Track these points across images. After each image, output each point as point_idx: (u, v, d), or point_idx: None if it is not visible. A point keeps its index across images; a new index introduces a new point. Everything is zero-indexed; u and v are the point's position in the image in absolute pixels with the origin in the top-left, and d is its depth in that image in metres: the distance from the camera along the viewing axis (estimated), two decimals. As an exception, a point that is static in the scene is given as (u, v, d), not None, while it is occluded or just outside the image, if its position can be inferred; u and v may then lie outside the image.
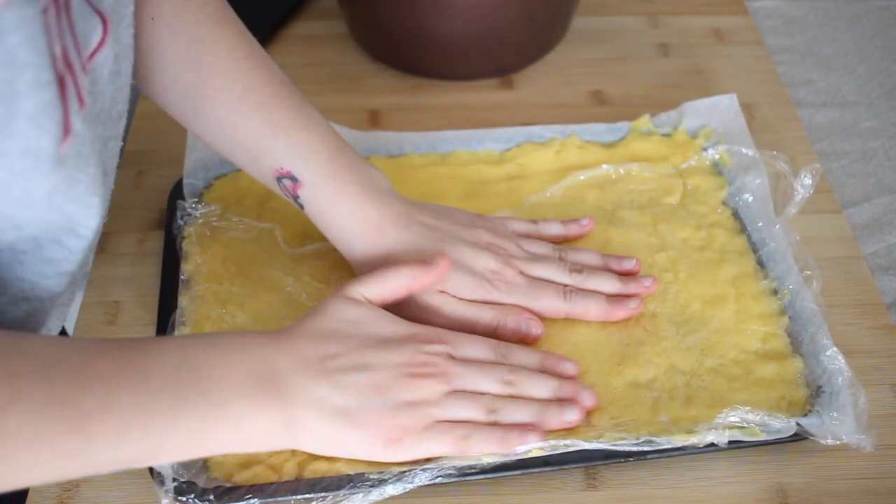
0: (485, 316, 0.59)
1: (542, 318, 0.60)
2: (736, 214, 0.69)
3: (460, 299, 0.59)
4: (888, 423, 0.59)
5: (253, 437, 0.49)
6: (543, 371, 0.57)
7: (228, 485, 0.53)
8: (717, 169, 0.72)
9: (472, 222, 0.63)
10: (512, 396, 0.54)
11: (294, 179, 0.58)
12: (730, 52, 0.87)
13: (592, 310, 0.61)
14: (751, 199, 0.69)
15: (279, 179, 0.59)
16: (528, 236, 0.65)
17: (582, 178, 0.71)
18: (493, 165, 0.73)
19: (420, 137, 0.74)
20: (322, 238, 0.66)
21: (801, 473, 0.56)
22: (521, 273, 0.61)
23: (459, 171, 0.72)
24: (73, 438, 0.42)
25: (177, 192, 0.69)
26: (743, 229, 0.68)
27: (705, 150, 0.73)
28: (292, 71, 0.84)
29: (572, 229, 0.67)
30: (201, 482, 0.53)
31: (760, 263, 0.65)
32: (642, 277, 0.63)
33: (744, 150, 0.70)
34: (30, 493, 0.55)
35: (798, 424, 0.55)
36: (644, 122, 0.75)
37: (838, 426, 0.54)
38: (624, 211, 0.69)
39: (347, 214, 0.59)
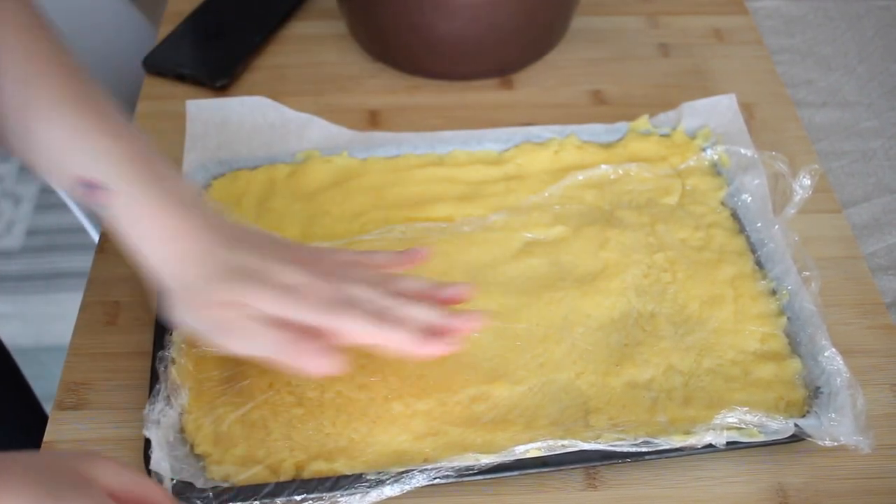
0: (278, 335, 0.53)
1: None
2: (734, 215, 0.69)
3: (256, 316, 0.53)
4: (888, 423, 0.59)
5: None
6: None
7: (226, 485, 0.53)
8: (715, 169, 0.72)
9: (286, 244, 0.58)
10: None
11: (97, 187, 0.53)
12: (730, 52, 0.87)
13: (403, 339, 0.53)
14: (749, 199, 0.69)
15: (82, 186, 0.54)
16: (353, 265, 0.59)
17: (580, 178, 0.71)
18: (492, 166, 0.73)
19: (418, 138, 0.74)
20: (321, 238, 0.66)
21: (800, 473, 0.56)
22: (332, 291, 0.54)
23: (457, 172, 0.72)
24: None
25: (176, 193, 0.69)
26: (741, 230, 0.68)
27: (704, 150, 0.73)
28: (292, 71, 0.85)
29: (402, 259, 0.59)
30: (199, 483, 0.53)
31: (759, 264, 0.65)
32: (469, 312, 0.56)
33: (742, 151, 0.70)
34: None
35: (796, 425, 0.55)
36: (643, 122, 0.75)
37: (836, 427, 0.54)
38: (622, 211, 0.69)
39: (151, 224, 0.54)
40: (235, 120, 0.73)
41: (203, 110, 0.72)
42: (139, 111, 0.80)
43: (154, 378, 0.58)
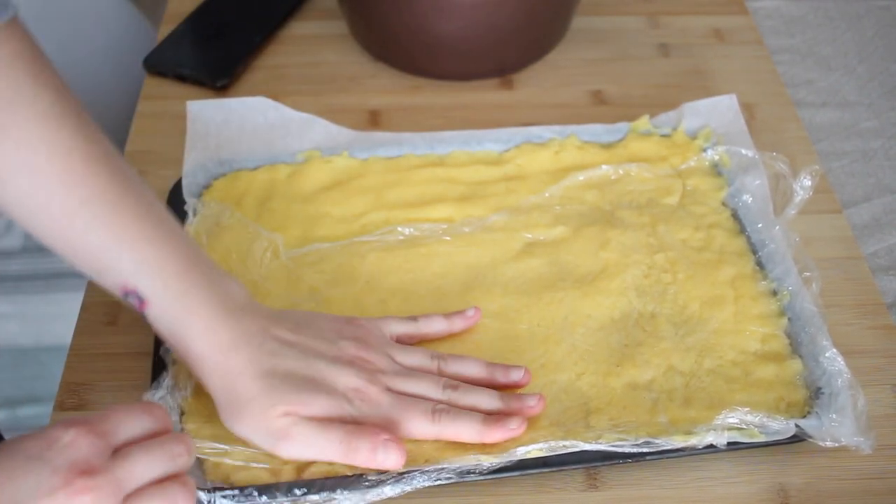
0: (334, 435, 0.53)
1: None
2: (735, 215, 0.69)
3: (310, 418, 0.53)
4: (888, 423, 0.59)
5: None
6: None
7: (225, 486, 0.53)
8: (716, 170, 0.72)
9: (338, 333, 0.57)
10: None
11: (140, 298, 0.53)
12: (730, 52, 0.87)
13: (464, 432, 0.55)
14: (750, 199, 0.69)
15: (125, 296, 0.53)
16: (407, 338, 0.60)
17: (581, 178, 0.71)
18: (492, 166, 0.73)
19: (419, 138, 0.74)
20: (321, 239, 0.66)
21: (801, 474, 0.56)
22: (388, 390, 0.55)
23: (457, 173, 0.72)
24: None
25: (176, 192, 0.69)
26: (742, 230, 0.68)
27: (705, 150, 0.73)
28: (292, 71, 0.85)
29: (456, 324, 0.61)
30: (198, 484, 0.53)
31: (760, 264, 0.65)
32: (527, 396, 0.57)
33: (743, 151, 0.70)
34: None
35: (797, 426, 0.55)
36: (643, 122, 0.75)
37: (837, 428, 0.54)
38: (623, 211, 0.69)
39: (197, 336, 0.53)
40: (236, 120, 0.73)
41: (203, 110, 0.72)
42: (139, 111, 0.80)
43: (156, 371, 0.58)
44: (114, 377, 0.60)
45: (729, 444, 0.55)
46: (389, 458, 0.53)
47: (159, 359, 0.58)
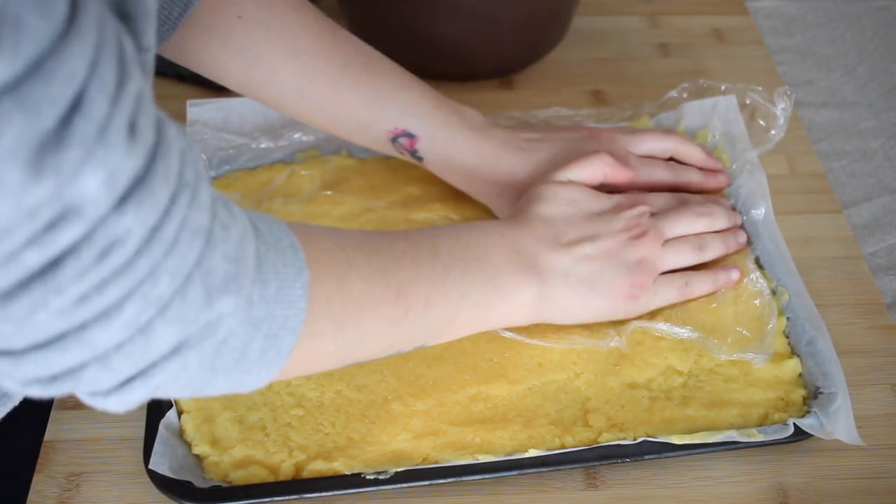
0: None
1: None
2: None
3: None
4: (888, 423, 0.59)
5: (517, 309, 0.56)
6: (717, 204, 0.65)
7: (224, 485, 0.53)
8: (716, 169, 0.72)
9: (574, 132, 0.67)
10: (708, 234, 0.62)
11: (410, 135, 0.63)
12: (730, 52, 0.87)
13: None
14: (747, 195, 0.68)
15: (395, 139, 0.64)
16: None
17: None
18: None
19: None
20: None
21: (800, 473, 0.56)
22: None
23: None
24: (397, 306, 0.48)
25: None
26: (741, 229, 0.67)
27: (704, 150, 0.73)
28: (292, 71, 0.84)
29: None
30: (198, 483, 0.53)
31: (759, 264, 0.65)
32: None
33: (742, 151, 0.70)
34: (30, 495, 0.55)
35: (796, 426, 0.55)
36: (643, 122, 0.75)
37: (836, 427, 0.54)
38: (623, 211, 0.69)
39: (466, 154, 0.64)
40: (236, 120, 0.73)
41: (203, 110, 0.72)
42: (139, 111, 0.80)
43: None
44: (113, 376, 0.60)
45: (728, 443, 0.55)
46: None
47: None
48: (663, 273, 0.60)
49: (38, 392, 0.36)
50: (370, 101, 0.63)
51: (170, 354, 0.37)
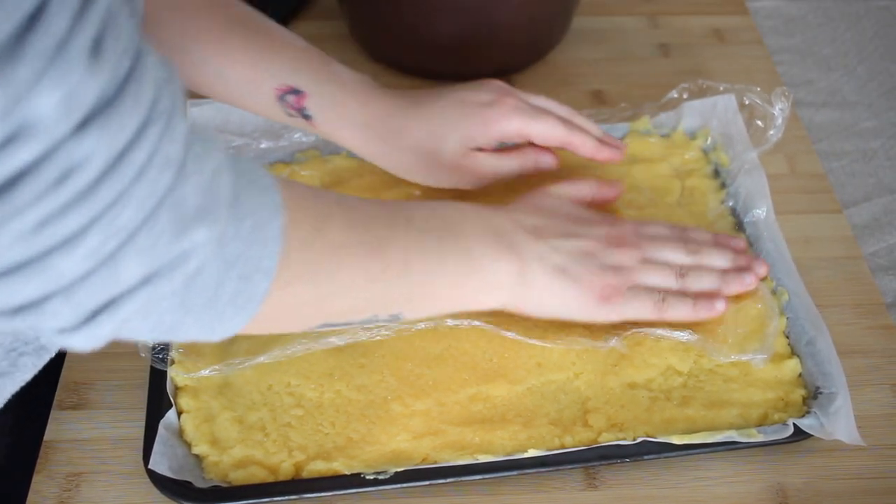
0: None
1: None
2: (734, 214, 0.69)
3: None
4: (888, 423, 0.59)
5: (495, 288, 0.55)
6: (718, 244, 0.63)
7: (224, 485, 0.53)
8: (715, 169, 0.72)
9: (470, 85, 0.66)
10: (695, 266, 0.60)
11: (297, 92, 0.61)
12: (730, 52, 0.87)
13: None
14: (747, 196, 0.68)
15: (282, 97, 0.62)
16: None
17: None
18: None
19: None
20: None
21: (800, 473, 0.56)
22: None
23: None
24: (374, 261, 0.48)
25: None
26: (741, 229, 0.68)
27: (703, 150, 0.73)
28: (292, 71, 0.84)
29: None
30: (198, 483, 0.53)
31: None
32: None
33: (742, 151, 0.70)
34: (29, 495, 0.55)
35: (795, 426, 0.55)
36: (643, 122, 0.75)
37: (836, 427, 0.54)
38: (622, 211, 0.69)
39: (355, 111, 0.62)
40: (236, 120, 0.73)
41: (204, 110, 0.72)
42: (139, 111, 0.80)
43: (154, 377, 0.58)
44: (114, 376, 0.61)
45: (728, 443, 0.55)
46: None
47: (155, 359, 0.58)
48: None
49: (2, 325, 0.36)
50: (258, 58, 0.61)
51: (138, 286, 0.36)
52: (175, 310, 0.39)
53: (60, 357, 0.61)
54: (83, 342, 0.37)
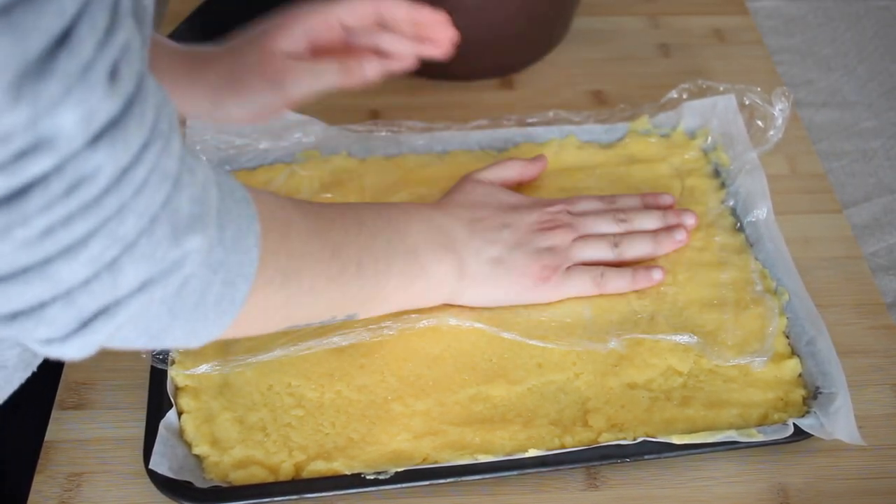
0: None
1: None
2: (734, 214, 0.69)
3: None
4: (888, 423, 0.59)
5: (438, 284, 0.59)
6: (647, 207, 0.66)
7: (224, 485, 0.53)
8: (715, 169, 0.72)
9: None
10: (628, 233, 0.63)
11: None
12: (730, 52, 0.87)
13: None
14: (747, 196, 0.68)
15: None
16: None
17: (580, 178, 0.71)
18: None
19: (418, 138, 0.74)
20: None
21: (801, 473, 0.56)
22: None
23: (457, 172, 0.72)
24: (333, 264, 0.51)
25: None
26: (741, 229, 0.68)
27: (703, 150, 0.73)
28: (292, 71, 0.84)
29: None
30: (198, 483, 0.53)
31: (759, 264, 0.65)
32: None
33: (742, 151, 0.70)
34: (31, 495, 0.55)
35: (795, 426, 0.55)
36: (643, 122, 0.75)
37: (836, 427, 0.54)
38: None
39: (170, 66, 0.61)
40: (235, 120, 0.73)
41: (203, 111, 0.72)
42: (139, 111, 0.80)
43: (154, 377, 0.58)
44: (114, 376, 0.61)
45: (728, 443, 0.55)
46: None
47: (156, 359, 0.58)
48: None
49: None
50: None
51: (135, 291, 0.38)
52: (163, 316, 0.41)
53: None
54: (76, 350, 0.39)
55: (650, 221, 0.65)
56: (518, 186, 0.69)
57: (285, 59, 0.59)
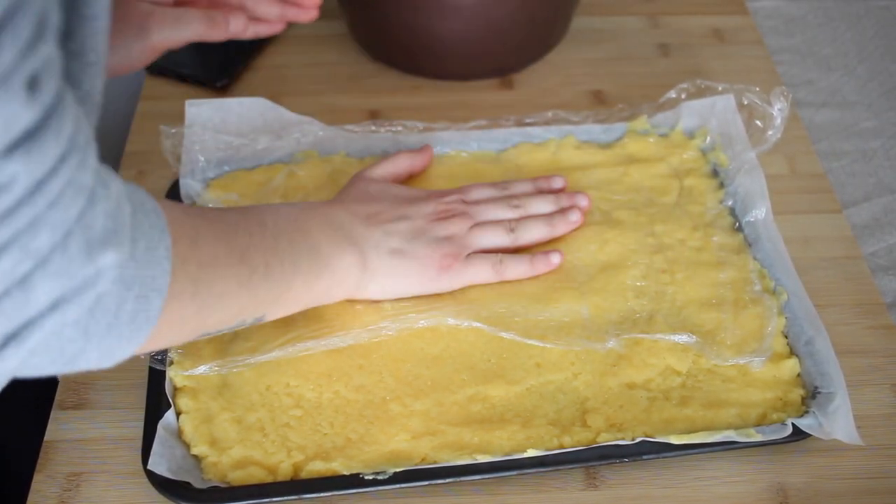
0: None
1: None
2: (733, 214, 0.69)
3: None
4: (888, 423, 0.59)
5: (342, 279, 0.58)
6: (540, 192, 0.67)
7: (223, 485, 0.53)
8: (713, 169, 0.72)
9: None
10: (523, 218, 0.65)
11: None
12: (730, 52, 0.87)
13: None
14: (746, 195, 0.68)
15: None
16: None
17: (579, 178, 0.71)
18: (490, 165, 0.73)
19: (417, 138, 0.74)
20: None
21: (800, 473, 0.56)
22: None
23: (456, 171, 0.72)
24: (241, 268, 0.50)
25: (174, 193, 0.69)
26: (740, 229, 0.68)
27: (702, 150, 0.73)
28: (292, 71, 0.85)
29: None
30: (196, 483, 0.53)
31: (758, 263, 0.65)
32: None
33: (741, 151, 0.70)
34: (30, 495, 0.55)
35: (794, 426, 0.55)
36: (641, 122, 0.75)
37: (835, 427, 0.54)
38: (621, 211, 0.69)
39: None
40: (234, 120, 0.73)
41: (202, 110, 0.72)
42: (139, 111, 0.81)
43: (153, 378, 0.58)
44: (114, 376, 0.60)
45: (726, 443, 0.55)
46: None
47: (155, 360, 0.58)
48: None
49: None
50: None
51: (48, 311, 0.37)
52: (77, 339, 0.39)
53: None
54: None
55: (544, 205, 0.66)
56: (409, 179, 0.70)
57: (149, 4, 0.61)
